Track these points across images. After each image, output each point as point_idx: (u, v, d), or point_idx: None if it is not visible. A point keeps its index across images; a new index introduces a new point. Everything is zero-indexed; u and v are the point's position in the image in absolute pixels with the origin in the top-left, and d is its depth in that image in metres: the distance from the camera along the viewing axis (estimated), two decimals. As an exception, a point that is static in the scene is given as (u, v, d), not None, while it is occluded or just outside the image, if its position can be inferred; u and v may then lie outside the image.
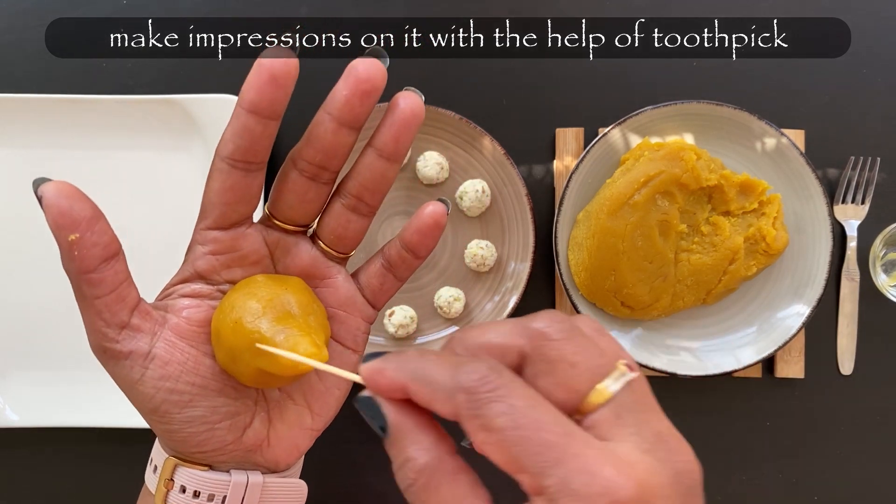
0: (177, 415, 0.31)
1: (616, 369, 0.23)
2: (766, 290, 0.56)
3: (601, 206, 0.52)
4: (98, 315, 0.30)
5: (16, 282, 0.56)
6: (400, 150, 0.31)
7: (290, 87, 0.29)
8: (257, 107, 0.29)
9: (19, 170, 0.56)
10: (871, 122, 0.57)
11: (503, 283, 0.56)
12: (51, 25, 0.57)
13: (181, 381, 0.31)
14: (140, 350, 0.31)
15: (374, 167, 0.31)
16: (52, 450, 0.58)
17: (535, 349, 0.23)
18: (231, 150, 0.30)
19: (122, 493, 0.58)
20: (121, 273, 0.30)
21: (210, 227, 0.32)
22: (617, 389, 0.23)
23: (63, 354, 0.57)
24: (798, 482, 0.58)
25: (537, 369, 0.23)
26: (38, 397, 0.56)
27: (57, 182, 0.28)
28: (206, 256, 0.32)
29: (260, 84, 0.29)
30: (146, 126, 0.55)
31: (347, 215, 0.33)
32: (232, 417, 0.33)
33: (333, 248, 0.34)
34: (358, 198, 0.32)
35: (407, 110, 0.31)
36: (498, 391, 0.21)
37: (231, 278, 0.33)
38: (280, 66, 0.28)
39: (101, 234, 0.29)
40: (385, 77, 0.29)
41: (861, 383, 0.57)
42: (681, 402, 0.57)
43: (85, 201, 0.28)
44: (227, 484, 0.32)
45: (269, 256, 0.34)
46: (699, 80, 0.57)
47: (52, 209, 0.27)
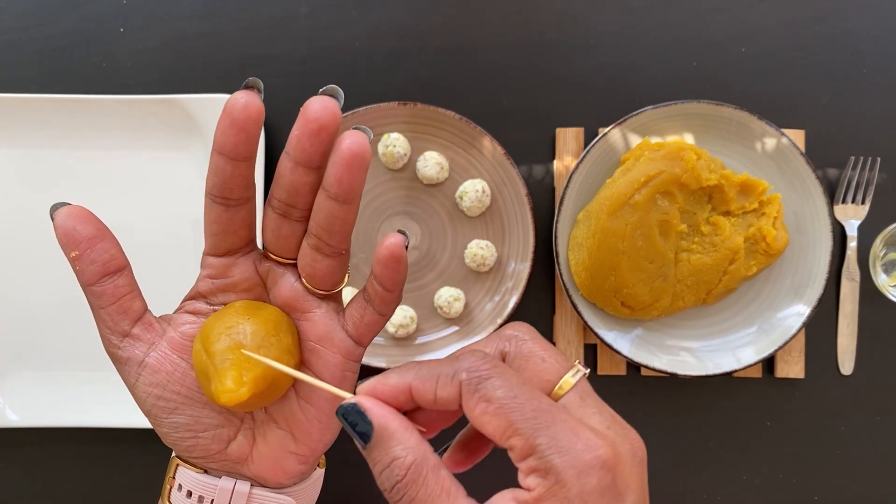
0: (164, 419, 0.34)
1: (574, 366, 0.28)
2: (766, 290, 0.56)
3: (601, 206, 0.52)
4: (102, 322, 0.33)
5: (16, 282, 0.56)
6: (345, 190, 0.30)
7: (255, 131, 0.30)
8: (224, 149, 0.30)
9: (19, 170, 0.56)
10: (871, 122, 0.57)
11: (503, 283, 0.56)
12: (51, 25, 0.57)
13: (168, 389, 0.33)
14: (136, 357, 0.33)
15: (326, 208, 0.31)
16: (52, 450, 0.58)
17: (514, 348, 0.29)
18: (210, 187, 0.32)
19: (122, 493, 0.58)
20: (122, 287, 0.33)
21: (207, 252, 0.34)
22: (578, 379, 0.28)
23: (63, 354, 0.57)
24: (798, 482, 0.58)
25: (516, 364, 0.29)
26: (37, 397, 0.56)
27: (70, 206, 0.31)
28: (205, 279, 0.35)
29: (223, 128, 0.30)
30: (146, 126, 0.55)
31: (313, 255, 0.33)
32: (215, 429, 0.34)
33: (311, 285, 0.34)
34: (318, 238, 0.32)
35: (346, 151, 0.29)
36: (495, 369, 0.26)
37: (226, 301, 0.35)
38: (240, 111, 0.29)
39: (102, 252, 0.32)
40: (338, 116, 0.29)
41: (861, 383, 0.57)
42: (681, 402, 0.57)
43: (89, 223, 0.32)
44: (215, 488, 0.35)
45: (262, 285, 0.35)
46: (699, 80, 0.57)
47: (58, 229, 0.31)
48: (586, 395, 0.28)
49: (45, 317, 0.57)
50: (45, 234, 0.56)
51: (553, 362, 0.28)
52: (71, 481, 0.58)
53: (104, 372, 0.56)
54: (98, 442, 0.57)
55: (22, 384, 0.57)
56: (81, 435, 0.57)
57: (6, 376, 0.57)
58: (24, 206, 0.56)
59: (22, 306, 0.57)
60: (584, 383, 0.28)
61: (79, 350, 0.57)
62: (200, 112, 0.54)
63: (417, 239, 0.56)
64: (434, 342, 0.56)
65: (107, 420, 0.55)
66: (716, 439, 0.58)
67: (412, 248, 0.56)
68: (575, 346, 0.57)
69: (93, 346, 0.56)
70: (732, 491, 0.58)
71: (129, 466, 0.58)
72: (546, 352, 0.29)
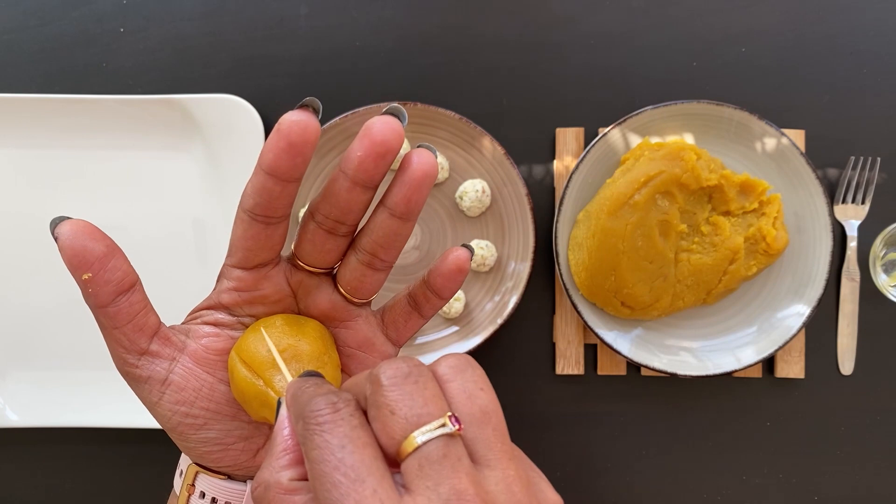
0: (192, 435, 0.32)
1: (436, 420, 0.23)
2: (766, 290, 0.56)
3: (601, 206, 0.52)
4: (118, 343, 0.31)
5: (16, 282, 0.56)
6: (412, 209, 0.31)
7: (309, 153, 0.29)
8: (275, 170, 0.29)
9: (19, 170, 0.56)
10: (871, 122, 0.57)
11: (503, 283, 0.56)
12: (51, 25, 0.57)
13: (196, 406, 0.32)
14: (157, 376, 0.32)
15: (387, 226, 0.31)
16: (52, 450, 0.58)
17: (370, 395, 0.24)
18: (251, 206, 0.30)
19: (122, 493, 0.58)
20: (136, 304, 0.31)
21: (234, 265, 0.33)
22: (424, 441, 0.22)
23: (63, 355, 0.57)
24: (798, 482, 0.58)
25: (370, 414, 0.24)
26: (37, 397, 0.56)
27: (72, 222, 0.29)
28: (230, 291, 0.33)
29: (278, 149, 0.28)
30: (146, 126, 0.55)
31: (363, 270, 0.33)
32: (245, 440, 0.34)
33: (352, 296, 0.34)
34: (372, 254, 0.32)
35: (418, 171, 0.29)
36: (323, 426, 0.23)
37: (253, 313, 0.34)
38: (298, 134, 0.28)
39: (114, 270, 0.30)
40: (402, 138, 0.29)
41: (861, 383, 0.57)
42: (681, 402, 0.57)
43: (98, 240, 0.29)
44: (243, 494, 0.34)
45: (293, 296, 0.34)
46: (699, 80, 0.57)
47: (66, 251, 0.29)
48: (428, 463, 0.22)
49: (44, 317, 0.57)
50: (45, 235, 0.56)
51: (402, 416, 0.23)
52: (71, 481, 0.58)
53: (104, 372, 0.56)
54: (98, 442, 0.57)
55: (22, 384, 0.57)
56: (81, 435, 0.57)
57: (6, 376, 0.57)
58: (24, 206, 0.56)
59: (22, 307, 0.57)
60: (438, 444, 0.22)
61: (78, 350, 0.57)
62: (200, 112, 0.54)
63: (418, 239, 0.56)
64: (434, 342, 0.56)
65: (107, 420, 0.55)
66: (716, 439, 0.58)
67: (412, 249, 0.56)
68: (575, 346, 0.57)
69: (93, 346, 0.56)
70: (732, 491, 0.58)
71: (130, 466, 0.58)
72: (401, 402, 0.23)
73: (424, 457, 0.22)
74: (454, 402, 0.24)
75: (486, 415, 0.24)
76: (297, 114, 0.28)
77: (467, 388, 0.24)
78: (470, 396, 0.24)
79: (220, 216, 0.56)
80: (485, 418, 0.24)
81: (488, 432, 0.24)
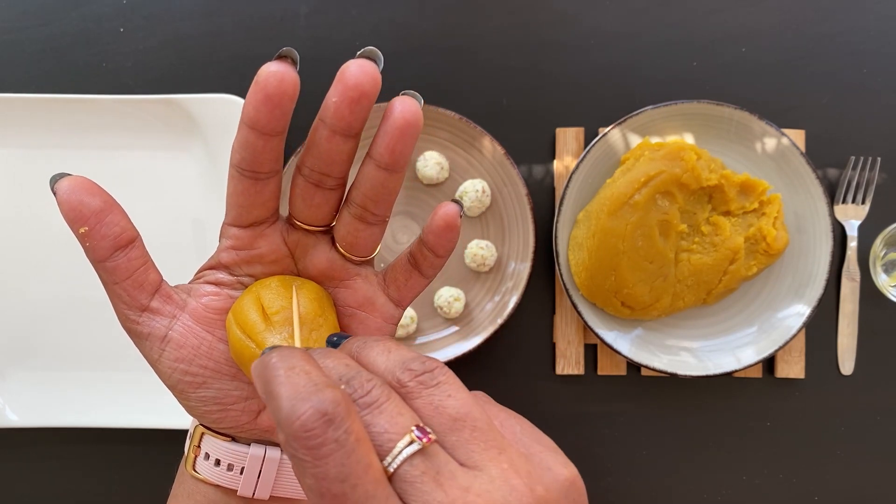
0: (191, 394, 0.33)
1: (401, 440, 0.22)
2: (766, 290, 0.56)
3: (601, 206, 0.52)
4: (119, 298, 0.31)
5: (16, 282, 0.56)
6: (398, 159, 0.30)
7: (289, 106, 0.28)
8: (256, 124, 0.29)
9: (19, 170, 0.56)
10: (871, 122, 0.57)
11: (503, 283, 0.56)
12: (51, 25, 0.57)
13: (194, 363, 0.32)
14: (157, 332, 0.32)
15: (375, 178, 0.31)
16: (52, 450, 0.58)
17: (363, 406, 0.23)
18: (238, 160, 0.30)
19: (122, 493, 0.58)
20: (135, 260, 0.31)
21: (230, 223, 0.33)
22: (397, 465, 0.22)
23: (63, 355, 0.57)
24: (798, 482, 0.58)
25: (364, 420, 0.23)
26: (37, 397, 0.56)
27: (71, 177, 0.30)
28: (228, 250, 0.33)
29: (256, 102, 0.28)
30: (146, 126, 0.55)
31: (356, 224, 0.32)
32: (245, 401, 0.34)
33: (349, 253, 0.34)
34: (363, 207, 0.32)
35: (400, 119, 0.29)
36: (314, 441, 0.21)
37: (251, 272, 0.34)
38: (275, 86, 0.27)
39: (112, 225, 0.30)
40: (378, 81, 0.28)
41: (861, 383, 0.57)
42: (681, 402, 0.57)
43: (95, 195, 0.30)
44: (246, 455, 0.34)
45: (290, 256, 0.34)
46: (699, 80, 0.57)
47: (63, 205, 0.29)
48: (412, 483, 0.22)
49: (44, 317, 0.57)
50: (45, 235, 0.56)
51: (376, 445, 0.22)
52: (71, 481, 0.58)
53: (104, 372, 0.56)
54: (98, 442, 0.57)
55: (22, 384, 0.57)
56: (81, 435, 0.57)
57: (6, 376, 0.57)
58: (24, 206, 0.56)
59: (22, 306, 0.57)
60: (414, 464, 0.22)
61: (79, 350, 0.57)
62: (200, 112, 0.54)
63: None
64: (434, 342, 0.56)
65: (107, 420, 0.55)
66: (716, 439, 0.58)
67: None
68: (575, 346, 0.57)
69: (92, 346, 0.56)
70: (732, 491, 0.58)
71: (130, 466, 0.58)
72: (370, 428, 0.22)
73: (402, 480, 0.22)
74: (423, 418, 0.23)
75: (459, 420, 0.23)
76: (274, 65, 0.27)
77: (433, 400, 0.23)
78: (437, 408, 0.23)
79: (219, 216, 0.56)
80: (457, 424, 0.23)
81: (466, 435, 0.23)
